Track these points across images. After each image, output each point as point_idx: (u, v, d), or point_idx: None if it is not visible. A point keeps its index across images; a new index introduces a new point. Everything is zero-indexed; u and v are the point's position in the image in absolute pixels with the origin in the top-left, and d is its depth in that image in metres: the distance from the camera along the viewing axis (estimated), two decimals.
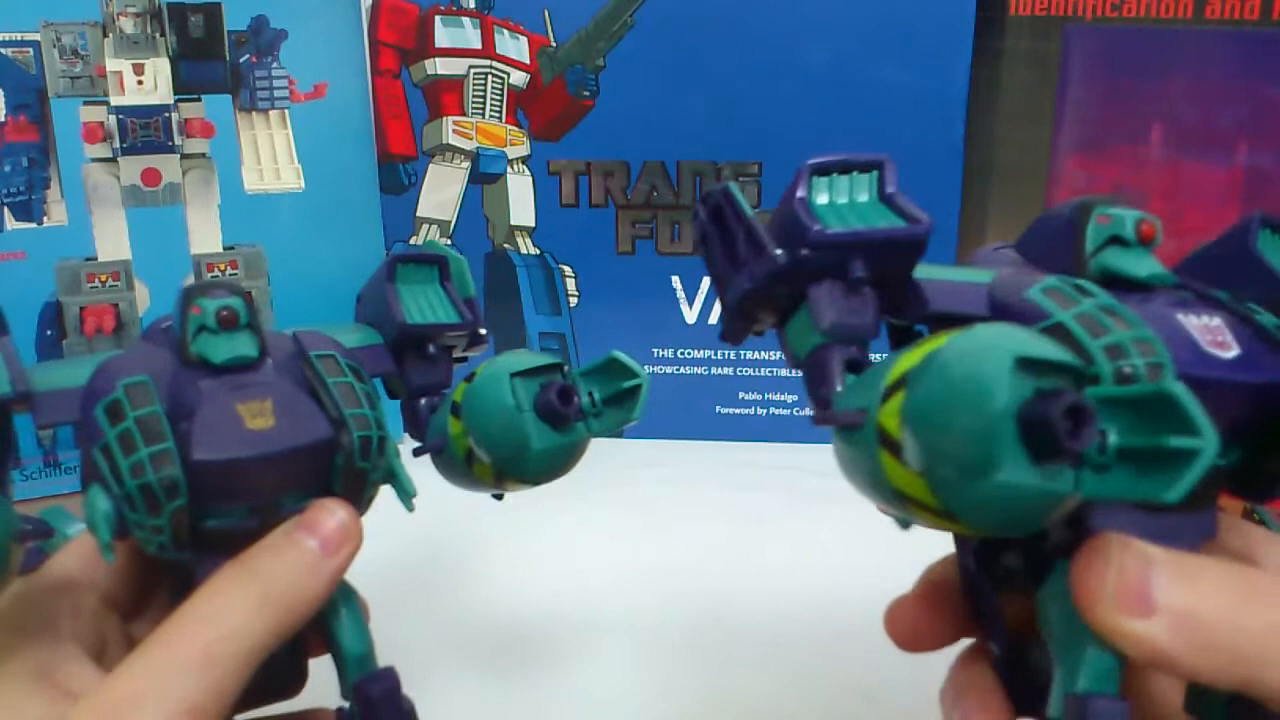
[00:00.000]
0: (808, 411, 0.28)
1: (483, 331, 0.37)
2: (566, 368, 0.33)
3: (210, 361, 0.29)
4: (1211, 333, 0.26)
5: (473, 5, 0.64)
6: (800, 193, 0.27)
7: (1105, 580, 0.23)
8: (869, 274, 0.26)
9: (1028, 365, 0.21)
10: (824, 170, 0.27)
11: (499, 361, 0.33)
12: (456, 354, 0.37)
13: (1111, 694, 0.24)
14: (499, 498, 0.36)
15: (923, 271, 0.28)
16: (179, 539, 0.28)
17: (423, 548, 0.55)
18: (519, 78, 0.64)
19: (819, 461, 0.31)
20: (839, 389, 0.27)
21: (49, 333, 0.60)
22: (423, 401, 0.36)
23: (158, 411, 0.28)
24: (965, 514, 0.22)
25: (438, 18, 0.64)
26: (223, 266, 0.61)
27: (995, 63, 0.62)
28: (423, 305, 0.35)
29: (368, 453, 0.30)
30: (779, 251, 0.27)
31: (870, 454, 0.24)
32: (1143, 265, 0.28)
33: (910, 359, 0.23)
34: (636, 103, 0.64)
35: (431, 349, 0.36)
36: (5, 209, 0.59)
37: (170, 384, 0.29)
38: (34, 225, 0.59)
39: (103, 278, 0.60)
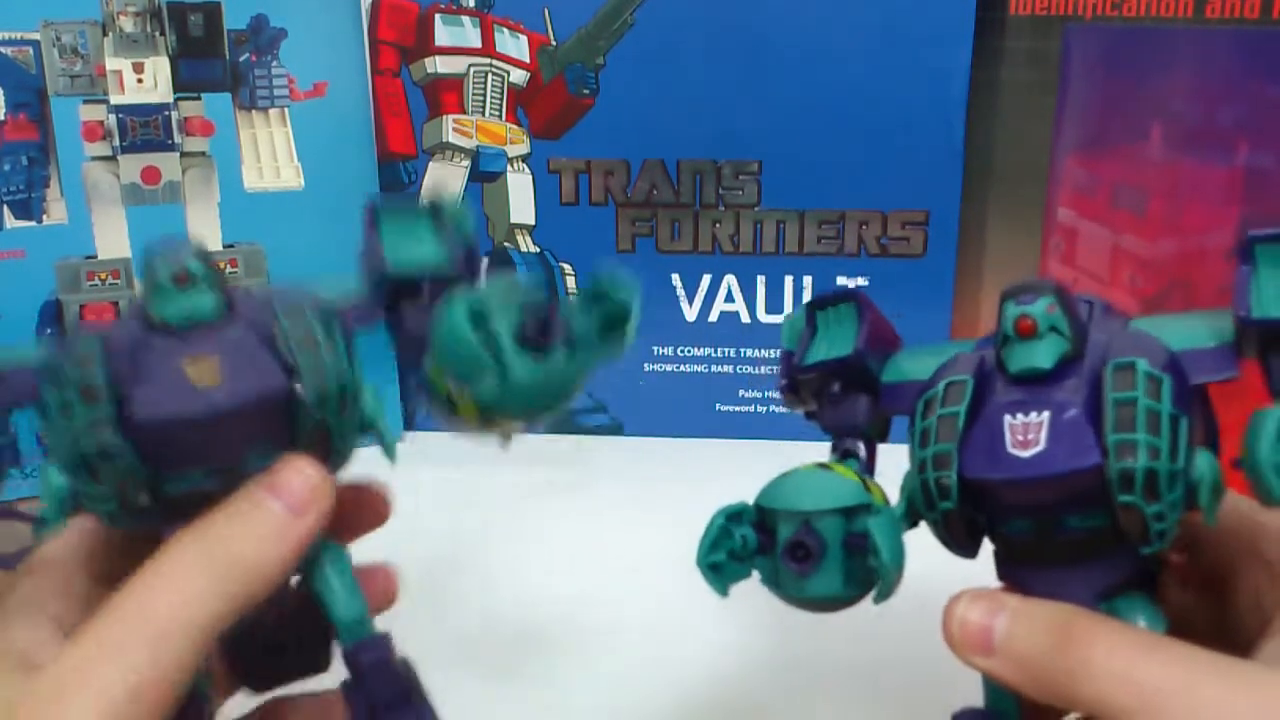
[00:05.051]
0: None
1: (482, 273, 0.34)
2: (545, 294, 0.31)
3: (169, 322, 0.28)
4: (1025, 431, 0.28)
5: (473, 4, 0.64)
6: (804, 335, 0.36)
7: (951, 629, 0.29)
8: (843, 389, 0.34)
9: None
10: (821, 304, 0.35)
11: (464, 292, 0.31)
12: None
13: None
14: (504, 447, 0.33)
15: (911, 357, 0.34)
16: (128, 507, 0.27)
17: (420, 547, 0.55)
18: (519, 76, 0.64)
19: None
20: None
21: (49, 331, 0.60)
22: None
23: (97, 375, 0.27)
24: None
25: (438, 16, 0.64)
26: (222, 264, 0.61)
27: (995, 63, 0.62)
28: (410, 249, 0.33)
29: (325, 403, 0.29)
30: (783, 381, 0.36)
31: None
32: (1015, 361, 0.29)
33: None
34: (636, 101, 0.64)
35: (425, 295, 0.33)
36: (5, 207, 0.59)
37: (132, 350, 0.28)
38: (34, 224, 0.59)
39: (103, 276, 0.60)
